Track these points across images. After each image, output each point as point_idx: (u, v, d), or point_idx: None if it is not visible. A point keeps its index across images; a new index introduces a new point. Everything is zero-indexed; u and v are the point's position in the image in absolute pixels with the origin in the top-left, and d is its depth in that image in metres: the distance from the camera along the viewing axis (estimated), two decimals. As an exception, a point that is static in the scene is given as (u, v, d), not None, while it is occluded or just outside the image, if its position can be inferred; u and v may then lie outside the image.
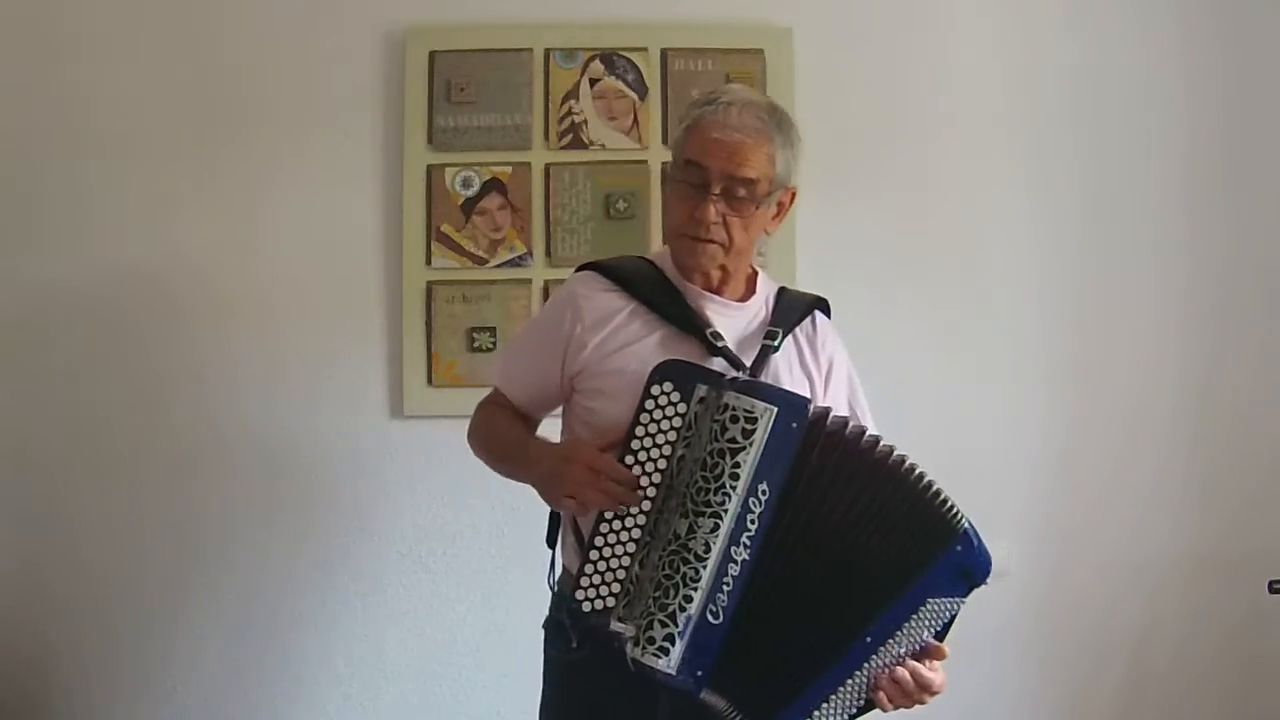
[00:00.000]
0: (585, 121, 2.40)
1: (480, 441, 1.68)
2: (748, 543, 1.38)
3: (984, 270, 2.47)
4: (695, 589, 1.38)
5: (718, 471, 1.39)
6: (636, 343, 1.53)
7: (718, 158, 1.49)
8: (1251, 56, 2.49)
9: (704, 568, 1.38)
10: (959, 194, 2.46)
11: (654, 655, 1.38)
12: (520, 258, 2.38)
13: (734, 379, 1.45)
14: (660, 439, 1.42)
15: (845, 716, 1.44)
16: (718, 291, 1.59)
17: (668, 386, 1.42)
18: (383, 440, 2.39)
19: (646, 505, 1.42)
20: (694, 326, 1.54)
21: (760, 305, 1.63)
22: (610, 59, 2.41)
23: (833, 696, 1.41)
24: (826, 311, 1.70)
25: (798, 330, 1.63)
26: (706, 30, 2.41)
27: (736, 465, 1.38)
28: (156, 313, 2.39)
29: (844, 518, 1.40)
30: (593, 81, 2.40)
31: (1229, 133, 2.48)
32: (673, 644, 1.38)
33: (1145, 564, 2.49)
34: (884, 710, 1.44)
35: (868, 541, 1.40)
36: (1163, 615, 2.50)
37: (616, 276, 1.59)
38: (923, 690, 1.43)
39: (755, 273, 1.66)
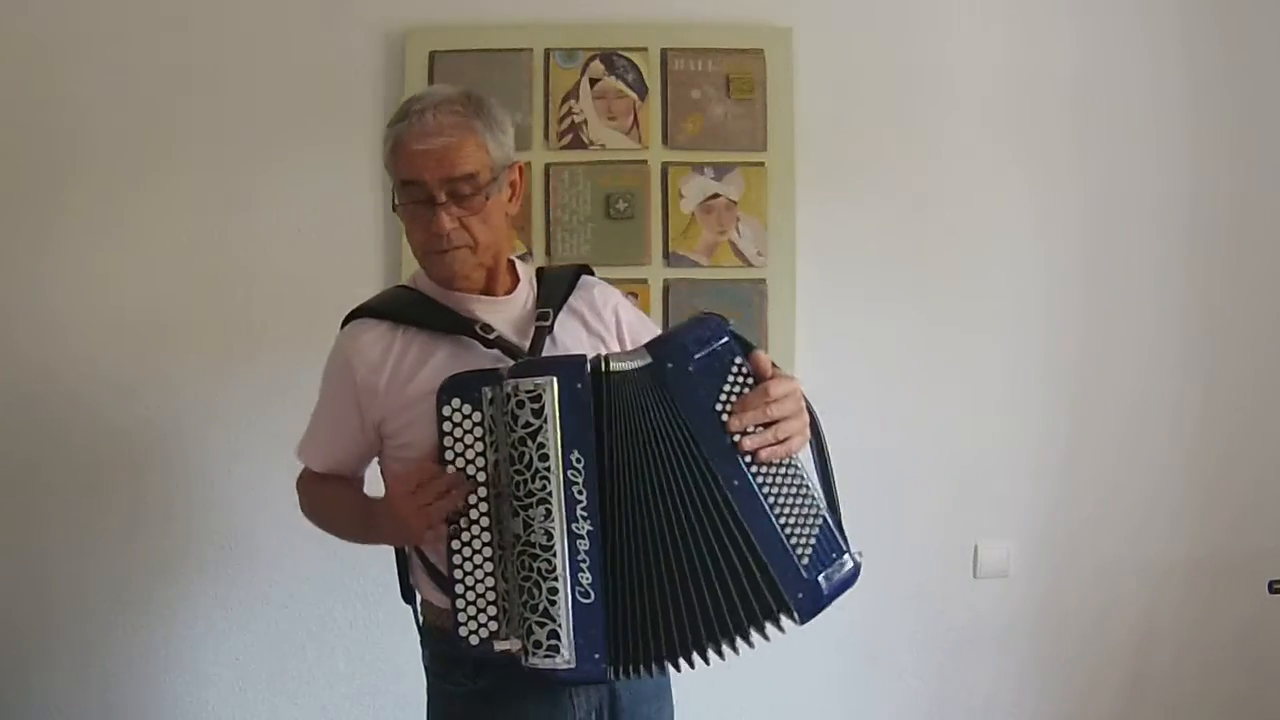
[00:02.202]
0: (585, 121, 2.40)
1: (320, 513, 1.67)
2: (584, 514, 1.36)
3: (984, 270, 2.47)
4: (555, 579, 1.36)
5: (526, 460, 1.36)
6: (424, 367, 1.50)
7: (429, 168, 1.46)
8: (1254, 61, 2.48)
9: (554, 556, 1.36)
10: (959, 194, 2.46)
11: (546, 657, 1.36)
12: (520, 257, 2.34)
13: (511, 365, 1.43)
14: (470, 453, 1.41)
15: (819, 501, 1.39)
16: (488, 292, 1.56)
17: (456, 402, 1.41)
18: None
19: (486, 521, 1.40)
20: (462, 326, 1.51)
21: (526, 290, 1.61)
22: (610, 59, 2.41)
23: (787, 526, 1.37)
24: (591, 274, 1.68)
25: (573, 301, 1.60)
26: (706, 30, 2.41)
27: (541, 446, 1.36)
28: (153, 313, 2.39)
29: (638, 435, 1.38)
30: (593, 81, 2.40)
31: (1230, 134, 2.48)
32: (558, 639, 1.36)
33: (1146, 565, 2.49)
34: (794, 450, 1.38)
35: (653, 438, 1.37)
36: (1164, 616, 2.50)
37: (377, 313, 1.57)
38: (775, 402, 1.36)
39: (513, 262, 1.63)
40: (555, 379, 1.36)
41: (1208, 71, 2.47)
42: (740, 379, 1.38)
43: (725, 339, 1.39)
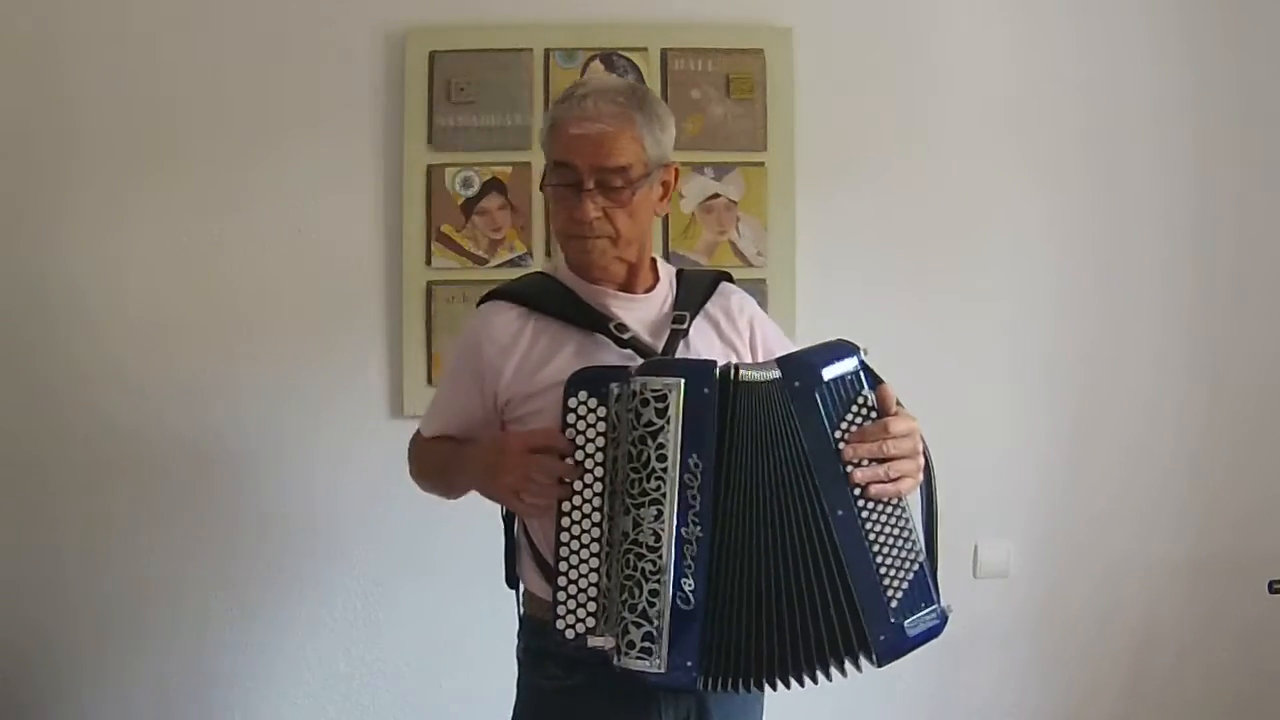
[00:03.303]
0: (585, 121, 2.40)
1: (419, 466, 1.69)
2: (696, 519, 1.35)
3: (985, 270, 2.47)
4: (658, 581, 1.35)
5: (644, 459, 1.35)
6: (554, 357, 1.50)
7: (583, 153, 1.46)
8: (1261, 59, 2.48)
9: (659, 557, 1.35)
10: (959, 194, 2.46)
11: (638, 659, 1.35)
12: (520, 258, 2.38)
13: (640, 364, 1.42)
14: (590, 448, 1.40)
15: (917, 544, 1.38)
16: (628, 287, 1.56)
17: (583, 395, 1.40)
18: (383, 440, 2.38)
19: (597, 516, 1.40)
20: (597, 323, 1.51)
21: (666, 291, 1.59)
22: (610, 59, 2.41)
23: (882, 565, 1.36)
24: (731, 281, 1.68)
25: (710, 306, 1.60)
26: (706, 30, 2.41)
27: (661, 446, 1.35)
28: (154, 313, 2.39)
29: (757, 452, 1.37)
30: (593, 81, 2.40)
31: (1239, 132, 2.48)
32: (654, 642, 1.34)
33: (1148, 565, 2.49)
34: (905, 491, 1.38)
35: (770, 457, 1.37)
36: (1165, 617, 2.50)
37: (514, 297, 1.57)
38: (894, 439, 1.37)
39: (655, 260, 1.62)
40: (683, 381, 1.36)
41: (1211, 70, 2.47)
42: (864, 410, 1.38)
43: (856, 368, 1.39)
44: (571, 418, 1.41)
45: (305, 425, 2.40)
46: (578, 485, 1.41)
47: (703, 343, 1.55)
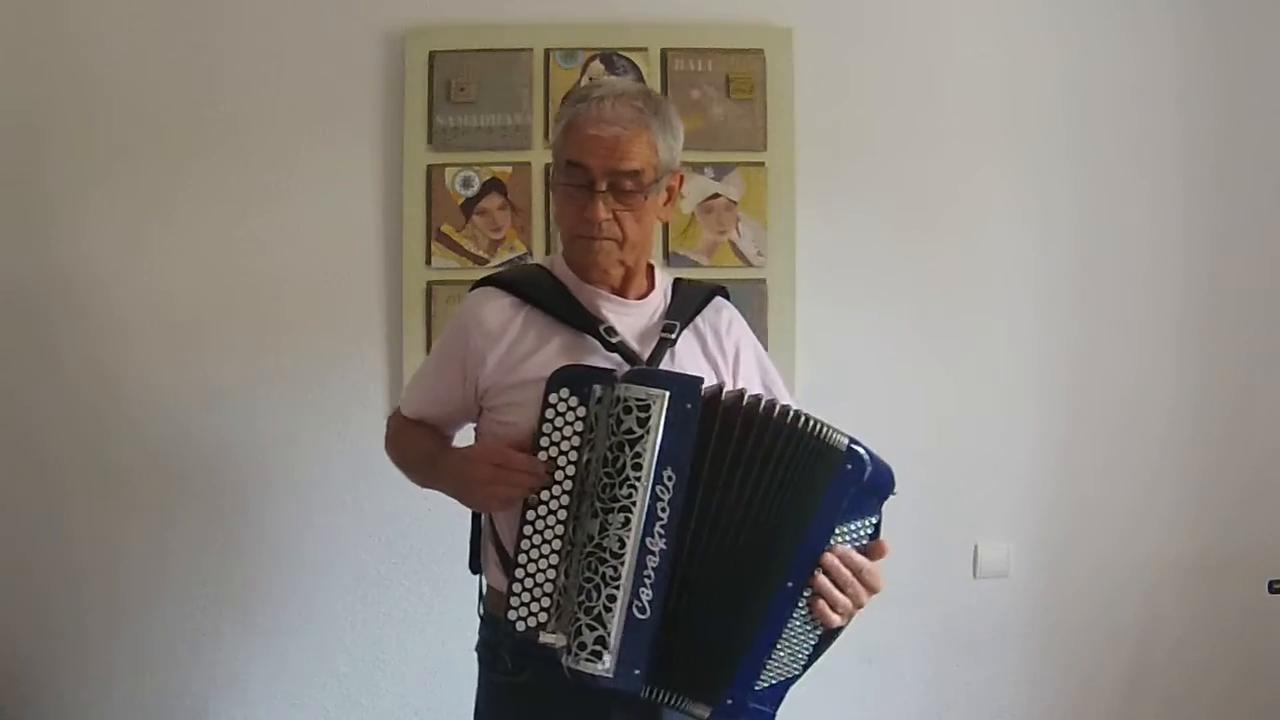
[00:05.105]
0: (585, 121, 2.40)
1: (398, 452, 1.70)
2: (662, 532, 1.35)
3: (981, 271, 2.47)
4: (616, 587, 1.35)
5: (620, 465, 1.36)
6: (539, 351, 1.51)
7: (598, 155, 1.46)
8: (1245, 62, 2.49)
9: (621, 564, 1.35)
10: (958, 194, 2.46)
11: (588, 661, 1.36)
12: (520, 258, 2.38)
13: (626, 371, 1.43)
14: (565, 445, 1.40)
15: (803, 657, 1.40)
16: (622, 291, 1.56)
17: (564, 393, 1.41)
18: (383, 440, 2.39)
19: (563, 514, 1.40)
20: (588, 324, 1.52)
21: (659, 299, 1.60)
22: (610, 59, 2.41)
23: (777, 649, 1.38)
24: (726, 298, 1.68)
25: (699, 320, 1.60)
26: (706, 30, 2.41)
27: (637, 455, 1.35)
28: (155, 313, 2.39)
29: (749, 484, 1.37)
30: (593, 81, 2.40)
31: (1223, 135, 2.48)
32: (604, 646, 1.35)
33: (1143, 564, 2.50)
34: (831, 623, 1.38)
35: (767, 496, 1.37)
36: (1161, 614, 2.51)
37: (508, 286, 1.57)
38: (870, 575, 1.38)
39: (652, 267, 1.63)
40: (668, 393, 1.36)
41: (1201, 75, 2.48)
42: (863, 534, 1.40)
43: (882, 499, 1.41)
44: (550, 413, 1.41)
45: (305, 426, 2.40)
46: (546, 481, 1.41)
47: (688, 355, 1.55)
